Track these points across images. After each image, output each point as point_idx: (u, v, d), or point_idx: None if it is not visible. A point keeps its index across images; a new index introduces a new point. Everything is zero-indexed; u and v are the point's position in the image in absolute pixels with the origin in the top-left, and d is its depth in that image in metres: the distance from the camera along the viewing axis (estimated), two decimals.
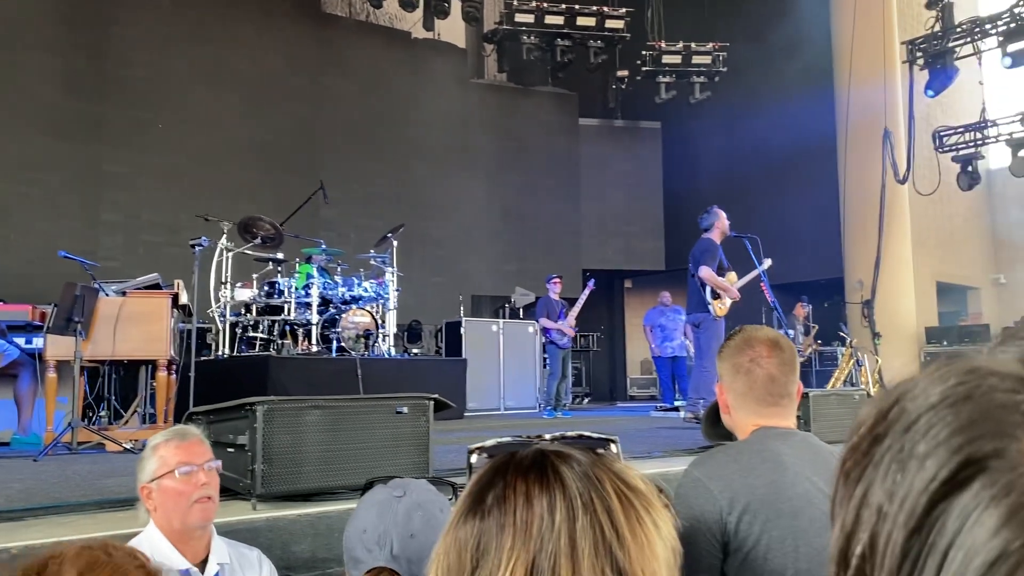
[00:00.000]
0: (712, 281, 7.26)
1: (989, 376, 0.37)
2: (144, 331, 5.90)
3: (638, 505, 0.73)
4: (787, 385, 1.88)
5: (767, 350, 1.87)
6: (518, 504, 0.72)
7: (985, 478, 0.33)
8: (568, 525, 0.70)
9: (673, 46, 13.86)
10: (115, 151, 11.56)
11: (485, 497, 0.74)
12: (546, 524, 0.70)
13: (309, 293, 8.65)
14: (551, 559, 0.69)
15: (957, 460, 0.34)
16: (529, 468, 0.75)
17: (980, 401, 0.36)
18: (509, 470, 0.75)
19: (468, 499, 0.75)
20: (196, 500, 2.11)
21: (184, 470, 2.14)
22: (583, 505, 0.71)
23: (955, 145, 13.54)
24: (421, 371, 9.37)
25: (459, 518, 0.74)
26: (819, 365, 12.57)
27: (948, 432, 0.35)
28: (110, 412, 6.85)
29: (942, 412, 0.36)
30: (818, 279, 14.04)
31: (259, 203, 11.13)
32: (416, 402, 3.36)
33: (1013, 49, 11.52)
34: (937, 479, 0.34)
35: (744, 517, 1.69)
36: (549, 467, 0.74)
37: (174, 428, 2.35)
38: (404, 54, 14.46)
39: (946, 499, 0.34)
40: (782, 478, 1.72)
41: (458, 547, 0.72)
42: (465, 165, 14.91)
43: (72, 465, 4.61)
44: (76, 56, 11.32)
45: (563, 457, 0.76)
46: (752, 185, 14.96)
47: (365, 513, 1.44)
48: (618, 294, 18.34)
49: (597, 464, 0.76)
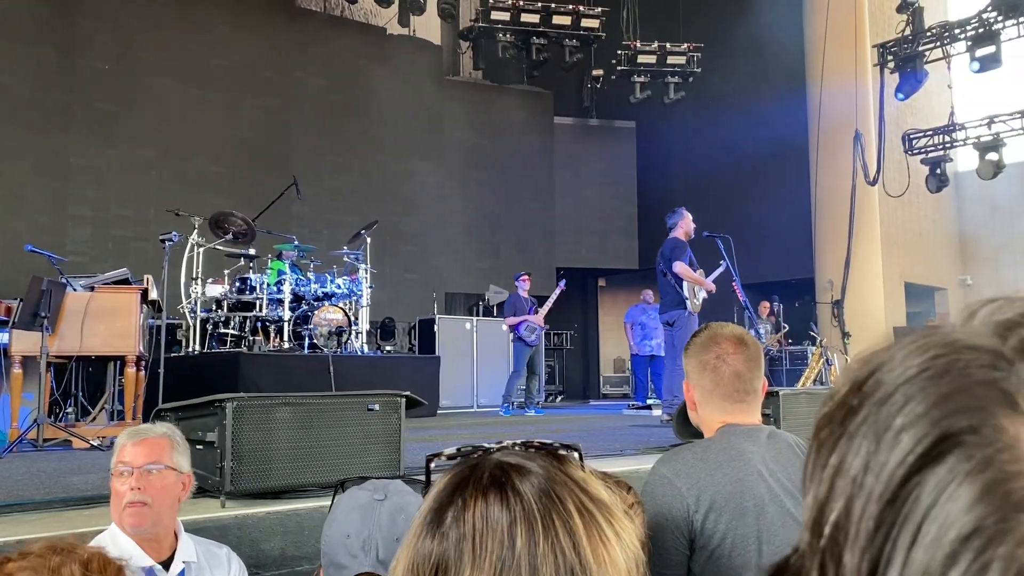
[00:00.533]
0: (688, 275, 7.29)
1: (967, 350, 0.37)
2: (112, 327, 5.82)
3: (600, 519, 0.72)
4: (752, 381, 1.90)
5: (732, 347, 1.89)
6: (477, 526, 0.70)
7: (960, 453, 0.34)
8: (529, 550, 0.69)
9: (648, 46, 13.92)
10: (83, 144, 11.39)
11: (444, 516, 0.72)
12: (506, 550, 0.69)
13: (281, 289, 8.59)
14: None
15: (934, 434, 0.34)
16: (488, 486, 0.73)
17: (957, 376, 0.36)
18: (468, 487, 0.73)
19: (427, 516, 0.74)
20: (127, 504, 2.05)
21: (119, 468, 2.10)
22: (543, 528, 0.70)
23: (924, 148, 13.73)
24: (394, 369, 9.34)
25: (418, 536, 0.73)
26: (789, 364, 12.69)
27: (925, 406, 0.35)
28: (77, 409, 6.76)
29: (919, 385, 0.36)
30: (789, 279, 14.19)
31: (231, 198, 11.02)
32: (387, 399, 3.35)
33: (981, 54, 11.71)
34: (913, 452, 0.35)
35: (710, 515, 1.70)
36: (509, 485, 0.73)
37: (138, 426, 2.30)
38: (379, 50, 14.38)
39: (920, 472, 0.34)
40: (747, 476, 1.74)
41: (416, 568, 0.71)
42: (440, 162, 14.88)
43: (38, 463, 4.54)
44: (44, 47, 11.13)
45: (523, 472, 0.74)
46: (725, 185, 15.08)
47: (346, 517, 1.41)
48: (592, 292, 18.40)
49: (557, 478, 0.74)
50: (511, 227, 15.60)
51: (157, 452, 2.15)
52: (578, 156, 16.72)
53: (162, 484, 2.11)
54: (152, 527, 2.09)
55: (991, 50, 11.62)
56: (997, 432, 0.34)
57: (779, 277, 14.07)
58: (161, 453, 2.15)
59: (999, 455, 0.33)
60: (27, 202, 10.86)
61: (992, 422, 0.34)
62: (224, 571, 2.23)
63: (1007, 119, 12.85)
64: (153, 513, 2.08)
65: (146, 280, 6.44)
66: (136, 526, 2.06)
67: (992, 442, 0.33)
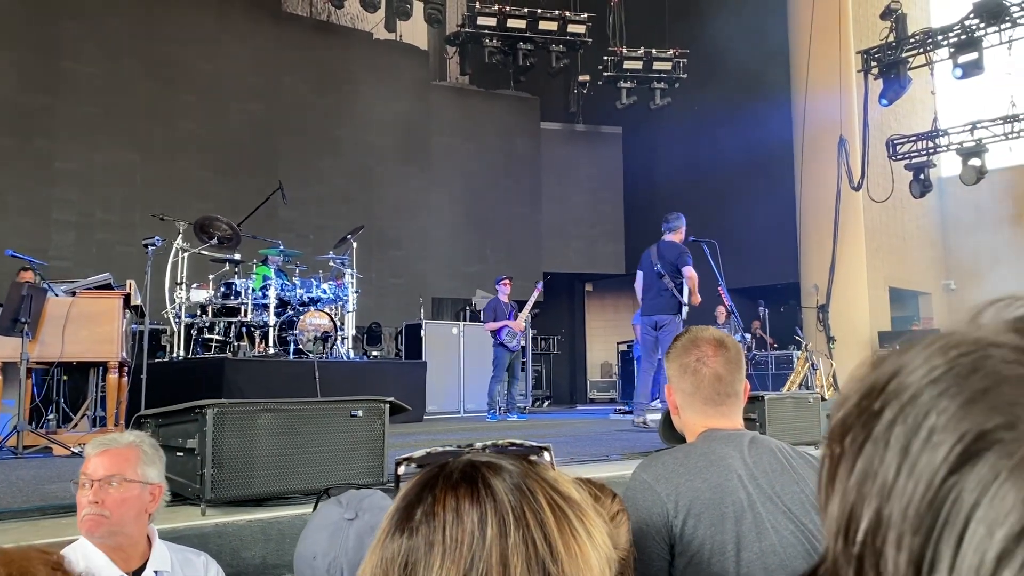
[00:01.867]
0: (695, 282, 7.32)
1: (993, 347, 0.37)
2: (94, 332, 5.77)
3: (571, 516, 0.72)
4: (734, 384, 1.90)
5: (713, 349, 1.89)
6: (447, 520, 0.69)
7: (1000, 450, 0.33)
8: (500, 541, 0.68)
9: (634, 52, 13.96)
10: (67, 148, 11.31)
11: (413, 513, 0.71)
12: (477, 541, 0.68)
13: (266, 295, 8.54)
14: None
15: (971, 432, 0.34)
16: (459, 482, 0.72)
17: (987, 373, 0.36)
18: (438, 484, 0.73)
19: (396, 515, 0.73)
20: (85, 515, 2.02)
21: (81, 479, 2.07)
22: (515, 520, 0.69)
23: (908, 153, 13.83)
24: (380, 374, 9.30)
25: (386, 535, 0.72)
26: (775, 369, 12.74)
27: (957, 405, 0.35)
28: (59, 415, 6.70)
29: (948, 384, 0.36)
30: (774, 284, 14.25)
31: (216, 203, 10.98)
32: (371, 405, 3.33)
33: (963, 60, 11.80)
34: (953, 452, 0.34)
35: (688, 520, 1.70)
36: (480, 480, 0.72)
37: (104, 436, 2.25)
38: (365, 55, 14.36)
39: (959, 472, 0.34)
40: (727, 481, 1.74)
41: (384, 566, 0.70)
42: (426, 167, 14.87)
43: (17, 470, 4.48)
44: (27, 51, 11.05)
45: (494, 469, 0.74)
46: (711, 190, 15.13)
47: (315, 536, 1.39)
48: (579, 297, 18.41)
49: (529, 475, 0.74)
50: (498, 232, 15.60)
51: (119, 464, 2.09)
52: (565, 161, 16.75)
53: (121, 497, 2.06)
54: (110, 536, 2.05)
55: (974, 57, 11.72)
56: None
57: (764, 282, 14.13)
58: (124, 465, 2.09)
59: None
60: (9, 206, 10.77)
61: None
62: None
63: (989, 125, 12.97)
64: (110, 524, 2.03)
65: (129, 285, 6.39)
66: (91, 532, 2.03)
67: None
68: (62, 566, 1.00)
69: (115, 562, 2.04)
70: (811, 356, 11.05)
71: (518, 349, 9.90)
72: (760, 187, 14.38)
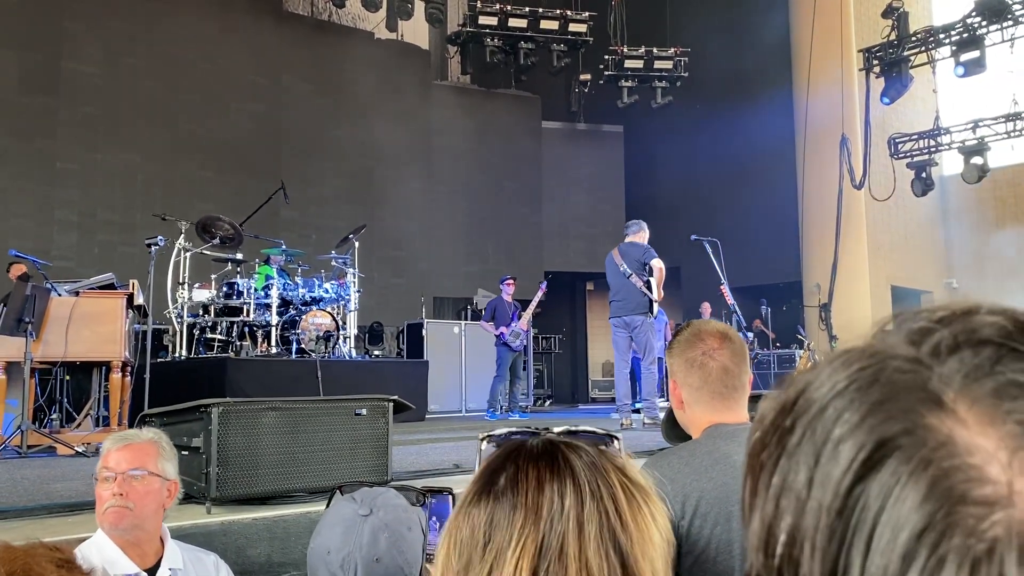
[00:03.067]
0: (663, 276, 7.37)
1: (889, 359, 0.38)
2: (97, 332, 5.77)
3: (639, 497, 0.79)
4: (740, 376, 1.88)
5: (718, 342, 1.87)
6: (530, 487, 0.76)
7: (900, 455, 0.35)
8: (576, 509, 0.75)
9: (635, 51, 13.96)
10: (69, 148, 11.32)
11: (497, 479, 0.78)
12: (556, 507, 0.75)
13: (269, 294, 8.55)
14: (559, 539, 0.73)
15: (871, 441, 0.36)
16: (540, 455, 0.79)
17: (885, 384, 0.37)
18: (521, 456, 0.80)
19: (480, 481, 0.80)
20: (107, 508, 2.05)
21: (103, 474, 2.09)
22: (591, 492, 0.76)
23: (909, 152, 13.82)
24: (382, 373, 9.30)
25: (471, 497, 0.79)
26: (777, 368, 12.74)
27: (859, 416, 0.37)
28: (62, 415, 6.71)
29: (850, 397, 0.38)
30: (776, 282, 14.24)
31: (218, 203, 10.99)
32: (375, 404, 3.33)
33: (965, 58, 11.80)
34: (855, 460, 0.36)
35: (695, 520, 1.69)
36: (559, 455, 0.79)
37: (123, 432, 2.28)
38: (367, 55, 14.36)
39: (864, 480, 0.35)
40: (734, 480, 1.73)
41: (471, 524, 0.77)
42: (428, 167, 14.87)
43: (21, 469, 4.49)
44: (29, 51, 11.06)
45: (572, 448, 0.81)
46: (712, 189, 15.13)
47: (330, 532, 1.39)
48: (580, 296, 18.41)
49: (603, 456, 0.81)
50: (499, 231, 15.60)
51: (141, 458, 2.13)
52: (566, 160, 16.75)
53: (145, 490, 2.10)
54: (132, 529, 2.07)
55: (975, 55, 11.71)
56: (929, 432, 0.35)
57: (766, 281, 14.12)
58: (145, 459, 2.13)
59: (935, 453, 0.34)
60: (12, 207, 10.78)
61: (923, 423, 0.35)
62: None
63: (991, 123, 12.96)
64: (134, 516, 2.06)
65: (132, 285, 6.39)
66: (115, 525, 2.05)
67: (927, 442, 0.35)
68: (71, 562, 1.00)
69: (131, 558, 2.06)
70: (813, 355, 11.07)
71: (520, 349, 9.90)
72: (762, 186, 14.38)
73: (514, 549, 0.73)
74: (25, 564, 0.95)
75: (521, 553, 0.72)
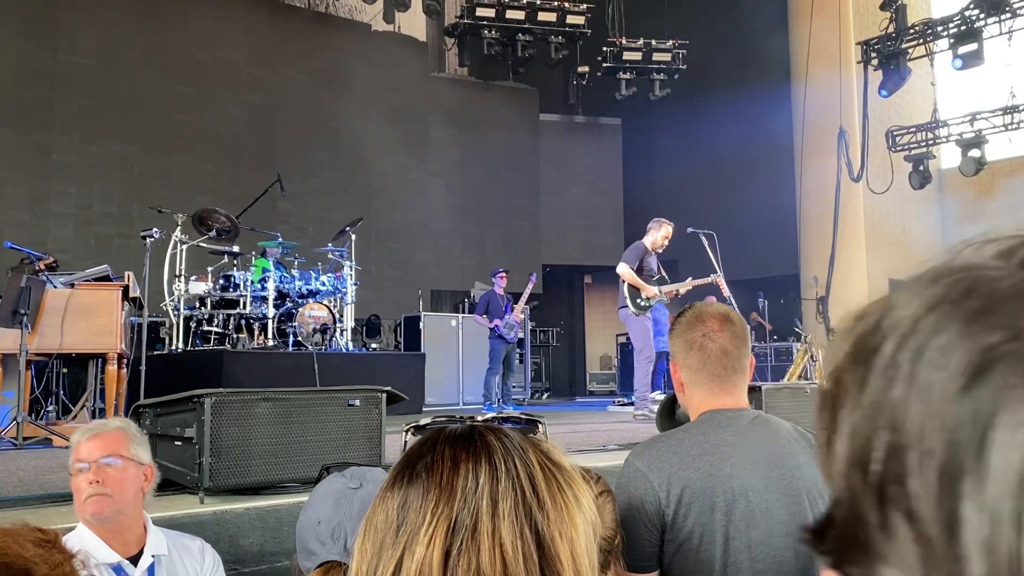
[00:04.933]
0: (627, 277, 7.41)
1: (984, 269, 0.39)
2: (93, 324, 5.77)
3: (560, 478, 0.77)
4: (740, 359, 1.86)
5: (718, 324, 1.86)
6: (445, 468, 0.75)
7: (1008, 361, 0.35)
8: (491, 486, 0.74)
9: (634, 43, 13.92)
10: (65, 140, 11.30)
11: (415, 464, 0.77)
12: (470, 486, 0.74)
13: (265, 287, 8.54)
14: (472, 516, 0.72)
15: (976, 349, 0.36)
16: (458, 439, 0.79)
17: (983, 293, 0.37)
18: (439, 440, 0.79)
19: (399, 467, 0.79)
20: (87, 497, 2.05)
21: (76, 466, 2.09)
22: (506, 470, 0.75)
23: (907, 145, 13.82)
24: (379, 366, 9.31)
25: (389, 484, 0.78)
26: (775, 360, 12.75)
27: (959, 325, 0.37)
28: (58, 406, 6.71)
29: (947, 308, 0.38)
30: (774, 275, 14.24)
31: (214, 195, 10.97)
32: (368, 395, 3.33)
33: (963, 51, 11.77)
34: (962, 369, 0.36)
35: (680, 509, 1.69)
36: (477, 437, 0.78)
37: (90, 423, 2.28)
38: (364, 47, 14.33)
39: (971, 387, 0.36)
40: (720, 470, 1.73)
41: (385, 508, 0.76)
42: (425, 159, 14.85)
43: (16, 460, 4.49)
44: (26, 43, 11.03)
45: (492, 431, 0.80)
46: (710, 181, 15.12)
47: (319, 503, 1.41)
48: (578, 289, 18.40)
49: (524, 439, 0.80)
50: (497, 224, 15.59)
51: (113, 445, 2.13)
52: (564, 153, 16.73)
53: (121, 476, 2.10)
54: (115, 516, 2.08)
55: (974, 47, 11.69)
56: None
57: (764, 274, 14.13)
58: (117, 446, 2.14)
59: None
60: (8, 199, 10.77)
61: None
62: (197, 564, 2.21)
63: (989, 116, 12.95)
64: (114, 503, 2.06)
65: (127, 277, 6.39)
66: (97, 513, 2.05)
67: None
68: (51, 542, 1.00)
69: (113, 548, 2.06)
70: (811, 348, 11.06)
71: (515, 341, 9.91)
72: (759, 178, 14.36)
73: (427, 528, 0.72)
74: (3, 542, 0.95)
75: (434, 532, 0.72)
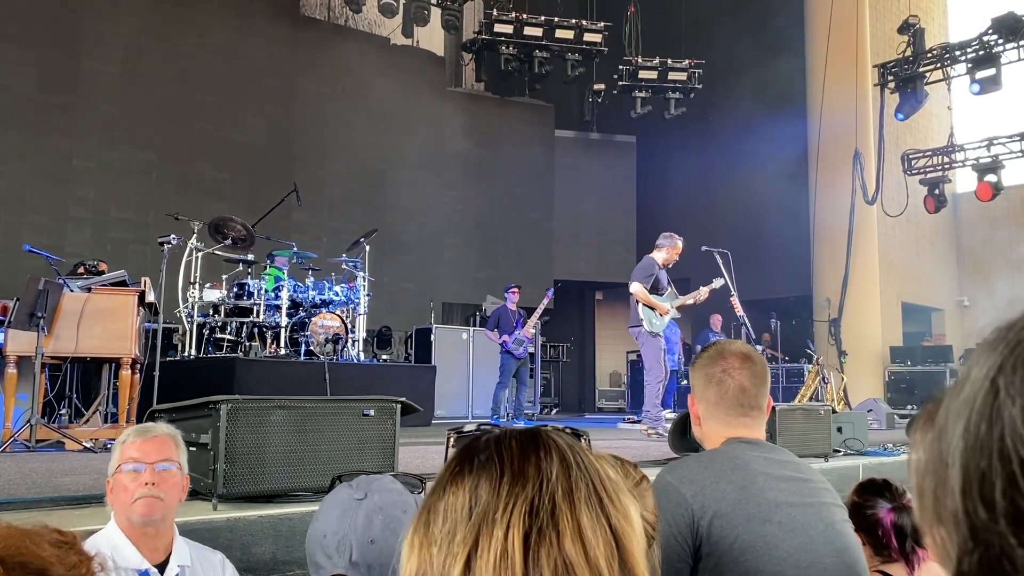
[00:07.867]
0: (641, 297, 7.37)
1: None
2: (108, 328, 5.79)
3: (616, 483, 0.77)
4: (758, 397, 1.90)
5: (739, 362, 1.90)
6: (514, 455, 0.73)
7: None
8: (564, 476, 0.72)
9: (649, 61, 13.97)
10: (85, 146, 11.40)
11: (475, 456, 0.74)
12: (544, 472, 0.71)
13: (279, 296, 8.57)
14: (551, 499, 0.70)
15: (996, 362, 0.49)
16: (522, 433, 0.77)
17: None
18: (503, 436, 0.77)
19: (458, 457, 0.76)
20: (138, 498, 2.05)
21: (130, 467, 2.09)
22: (576, 463, 0.73)
23: (923, 168, 13.78)
24: (390, 377, 9.32)
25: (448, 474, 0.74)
26: (786, 381, 12.69)
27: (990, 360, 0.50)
28: (71, 410, 6.73)
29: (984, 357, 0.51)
30: (787, 296, 14.20)
31: (231, 203, 11.05)
32: (383, 405, 3.33)
33: (981, 76, 11.76)
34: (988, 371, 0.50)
35: (715, 521, 1.70)
36: (540, 433, 0.77)
37: (142, 424, 2.29)
38: (382, 60, 14.43)
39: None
40: (752, 484, 1.74)
41: (452, 493, 0.72)
42: (440, 172, 14.90)
43: (29, 463, 4.51)
44: (48, 49, 11.16)
45: (555, 430, 0.79)
46: (724, 201, 15.11)
47: (326, 516, 1.41)
48: (589, 305, 18.39)
49: (578, 445, 0.78)
50: (510, 239, 15.61)
51: (168, 449, 2.16)
52: (578, 169, 16.76)
53: (173, 481, 2.13)
54: (162, 520, 2.09)
55: (991, 72, 11.67)
56: None
57: (777, 294, 14.08)
58: (171, 451, 2.17)
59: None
60: (27, 203, 10.86)
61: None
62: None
63: (1006, 141, 12.91)
64: (164, 507, 2.08)
65: (143, 283, 6.42)
66: (147, 515, 2.05)
67: None
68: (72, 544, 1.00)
69: (143, 553, 2.06)
70: (822, 370, 11.01)
71: (525, 356, 9.91)
72: (774, 199, 14.34)
73: (504, 511, 0.69)
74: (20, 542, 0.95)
75: (512, 514, 0.69)
